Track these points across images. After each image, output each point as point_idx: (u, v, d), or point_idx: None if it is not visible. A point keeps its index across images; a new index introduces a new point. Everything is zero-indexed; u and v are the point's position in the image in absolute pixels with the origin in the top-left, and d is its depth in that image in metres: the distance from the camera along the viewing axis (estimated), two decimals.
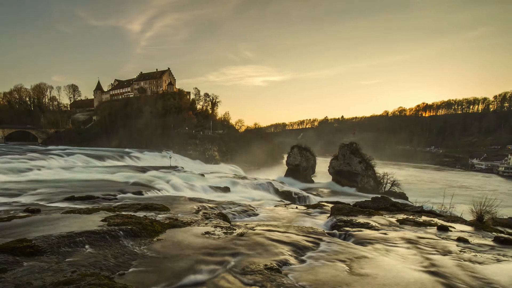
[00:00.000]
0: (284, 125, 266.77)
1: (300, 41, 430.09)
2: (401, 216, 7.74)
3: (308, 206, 10.61)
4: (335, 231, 6.27)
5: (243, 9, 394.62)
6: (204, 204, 9.44)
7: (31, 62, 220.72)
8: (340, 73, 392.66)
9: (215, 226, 5.69)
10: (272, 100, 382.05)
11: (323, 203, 10.95)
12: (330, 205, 9.68)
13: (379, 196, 13.60)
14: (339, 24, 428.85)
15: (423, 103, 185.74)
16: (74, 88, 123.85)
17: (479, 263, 4.18)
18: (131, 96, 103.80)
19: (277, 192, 36.44)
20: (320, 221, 7.71)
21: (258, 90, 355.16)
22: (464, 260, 4.27)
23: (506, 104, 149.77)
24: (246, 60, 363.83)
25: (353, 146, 59.86)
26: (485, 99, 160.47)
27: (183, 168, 45.54)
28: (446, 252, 4.67)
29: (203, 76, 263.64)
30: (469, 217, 8.72)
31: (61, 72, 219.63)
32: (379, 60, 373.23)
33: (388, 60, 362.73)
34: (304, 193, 39.06)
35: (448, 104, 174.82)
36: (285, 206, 10.97)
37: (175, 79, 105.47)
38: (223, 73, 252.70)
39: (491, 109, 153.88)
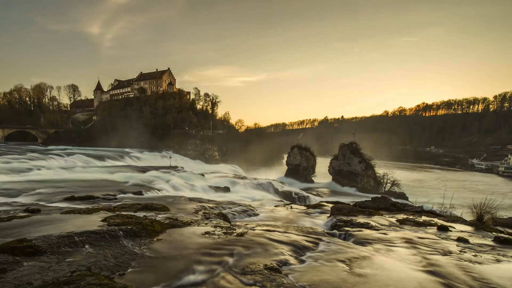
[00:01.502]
0: (284, 125, 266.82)
1: (266, 40, 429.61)
2: (401, 216, 7.74)
3: (308, 206, 10.60)
4: (335, 231, 6.27)
5: (191, 12, 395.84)
6: (204, 204, 9.44)
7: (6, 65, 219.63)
8: (316, 72, 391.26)
9: (215, 226, 5.69)
10: (255, 100, 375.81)
11: (323, 203, 10.94)
12: (330, 205, 9.67)
13: (379, 196, 13.62)
14: (294, 23, 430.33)
15: (423, 103, 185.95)
16: (74, 88, 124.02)
17: (479, 263, 4.18)
18: (131, 96, 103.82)
19: (277, 192, 36.46)
20: (320, 221, 7.71)
21: (236, 91, 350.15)
22: (464, 260, 4.27)
23: (506, 104, 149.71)
24: (213, 60, 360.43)
25: (353, 146, 59.90)
26: (485, 99, 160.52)
27: (183, 168, 45.57)
28: (446, 252, 4.66)
29: (179, 76, 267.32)
30: (469, 217, 8.72)
31: (37, 75, 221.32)
32: (378, 58, 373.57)
33: (387, 59, 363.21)
34: (304, 193, 39.07)
35: (448, 104, 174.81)
36: (285, 206, 10.95)
37: (175, 79, 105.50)
38: (194, 74, 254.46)
39: (491, 109, 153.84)
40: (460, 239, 5.43)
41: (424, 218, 7.61)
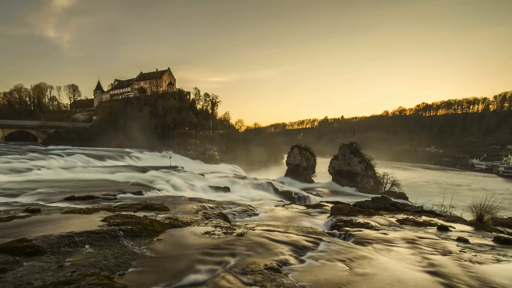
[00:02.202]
0: (284, 125, 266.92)
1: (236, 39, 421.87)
2: (401, 216, 7.74)
3: (308, 206, 10.60)
4: (335, 231, 6.27)
5: (136, 17, 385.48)
6: (204, 204, 9.45)
7: None
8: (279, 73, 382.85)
9: (215, 226, 5.69)
10: (247, 100, 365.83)
11: (323, 203, 10.94)
12: (330, 205, 9.68)
13: (379, 196, 13.61)
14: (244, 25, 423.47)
15: (423, 103, 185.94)
16: (74, 88, 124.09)
17: (479, 263, 4.18)
18: (131, 96, 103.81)
19: (277, 192, 36.41)
20: (320, 221, 7.71)
21: (214, 91, 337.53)
22: (464, 260, 4.27)
23: (506, 104, 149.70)
24: (179, 62, 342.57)
25: (353, 146, 59.86)
26: (485, 99, 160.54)
27: (183, 168, 45.52)
28: (446, 252, 4.66)
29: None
30: (469, 217, 8.72)
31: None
32: (378, 57, 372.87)
33: (387, 58, 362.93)
34: (304, 193, 39.01)
35: (448, 104, 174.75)
36: (285, 206, 10.96)
37: (175, 79, 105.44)
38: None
39: (491, 109, 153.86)
40: (460, 239, 5.43)
41: (424, 218, 7.60)
